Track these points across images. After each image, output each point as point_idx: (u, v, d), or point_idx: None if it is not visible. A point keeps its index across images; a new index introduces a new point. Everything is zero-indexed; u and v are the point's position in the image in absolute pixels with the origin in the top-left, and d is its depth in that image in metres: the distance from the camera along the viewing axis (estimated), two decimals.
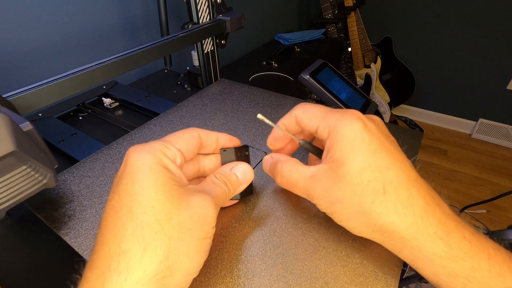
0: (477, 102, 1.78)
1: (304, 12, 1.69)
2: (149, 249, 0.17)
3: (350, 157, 0.20)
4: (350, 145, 0.21)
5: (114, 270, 0.16)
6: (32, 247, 0.32)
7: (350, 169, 0.20)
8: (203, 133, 0.24)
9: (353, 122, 0.21)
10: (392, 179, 0.20)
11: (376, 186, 0.20)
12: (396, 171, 0.20)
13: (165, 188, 0.19)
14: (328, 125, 0.22)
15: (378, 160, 0.20)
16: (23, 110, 0.30)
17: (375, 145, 0.20)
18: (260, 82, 0.95)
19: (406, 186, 0.20)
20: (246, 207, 0.29)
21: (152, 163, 0.19)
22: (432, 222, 0.19)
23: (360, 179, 0.20)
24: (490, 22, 1.55)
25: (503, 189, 1.49)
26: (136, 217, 0.17)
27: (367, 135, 0.21)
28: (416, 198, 0.19)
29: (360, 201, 0.20)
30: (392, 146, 0.21)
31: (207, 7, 0.52)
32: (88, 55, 0.70)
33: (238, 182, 0.25)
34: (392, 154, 0.21)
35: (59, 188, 0.32)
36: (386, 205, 0.19)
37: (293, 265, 0.23)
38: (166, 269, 0.17)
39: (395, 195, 0.19)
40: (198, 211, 0.19)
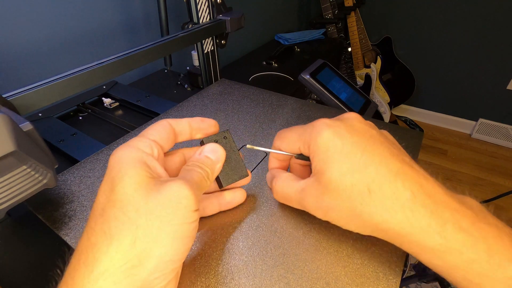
0: (477, 102, 1.78)
1: (304, 12, 1.69)
2: (115, 239, 0.17)
3: (328, 166, 0.21)
4: (325, 154, 0.21)
5: (83, 263, 0.17)
6: (32, 247, 0.32)
7: (331, 177, 0.21)
8: (173, 121, 0.24)
9: (322, 132, 0.22)
10: (373, 177, 0.20)
11: (360, 188, 0.20)
12: (375, 167, 0.20)
13: (134, 181, 0.19)
14: (306, 143, 0.24)
15: (354, 162, 0.20)
16: (23, 110, 0.30)
17: (348, 148, 0.21)
18: (260, 82, 0.95)
19: (389, 180, 0.19)
20: (246, 208, 0.29)
21: (126, 159, 0.20)
22: (424, 214, 0.18)
23: (343, 185, 0.20)
24: (490, 22, 1.55)
25: (503, 189, 1.50)
26: (105, 212, 0.18)
27: (338, 140, 0.21)
28: (402, 191, 0.19)
29: (350, 205, 0.20)
30: (369, 140, 0.21)
31: (207, 7, 0.52)
32: (88, 55, 0.70)
33: (211, 162, 0.24)
34: (368, 151, 0.21)
35: (59, 188, 0.32)
36: (374, 204, 0.19)
37: (294, 265, 0.23)
38: (134, 258, 0.17)
39: (380, 192, 0.19)
40: (169, 196, 0.18)
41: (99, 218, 0.18)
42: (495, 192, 1.44)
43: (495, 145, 1.80)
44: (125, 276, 0.17)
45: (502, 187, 1.51)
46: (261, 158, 0.35)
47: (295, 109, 0.45)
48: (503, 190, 0.85)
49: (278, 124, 0.42)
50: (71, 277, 0.17)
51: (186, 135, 0.25)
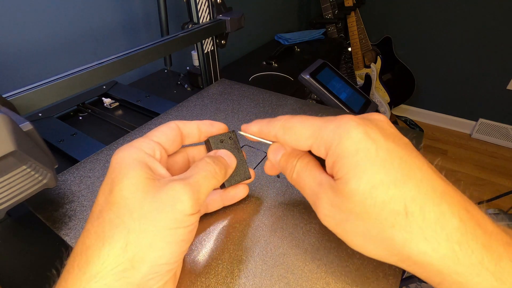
0: (477, 102, 1.78)
1: (304, 12, 1.69)
2: (107, 243, 0.17)
3: (356, 174, 0.17)
4: (353, 160, 0.17)
5: (77, 266, 0.17)
6: (32, 247, 0.32)
7: (358, 188, 0.17)
8: (181, 124, 0.24)
9: (351, 131, 0.18)
10: (414, 195, 0.16)
11: (394, 207, 0.16)
12: (416, 183, 0.16)
13: (132, 183, 0.18)
14: (324, 142, 0.19)
15: (391, 173, 0.16)
16: (23, 110, 0.30)
17: (383, 155, 0.17)
18: (260, 82, 0.95)
19: (433, 202, 0.16)
20: (246, 208, 0.29)
21: (127, 160, 0.20)
22: (475, 248, 0.15)
23: (372, 200, 0.16)
24: (490, 22, 1.55)
25: (503, 189, 1.50)
26: (101, 215, 0.18)
27: (372, 143, 0.17)
28: (449, 217, 0.15)
29: (377, 224, 0.17)
30: (405, 149, 0.18)
31: (207, 7, 0.52)
32: (88, 55, 0.70)
33: (226, 164, 0.24)
34: (407, 162, 0.17)
35: (59, 188, 0.32)
36: (410, 230, 0.16)
37: (294, 265, 0.23)
38: (126, 262, 0.17)
39: (421, 216, 0.16)
40: (164, 201, 0.18)
41: (95, 221, 0.18)
42: (495, 192, 1.44)
43: (495, 145, 1.80)
44: (117, 279, 0.17)
45: (502, 187, 1.51)
46: (261, 158, 0.35)
47: (295, 109, 0.45)
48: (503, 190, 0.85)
49: None
50: (65, 279, 0.17)
51: (194, 138, 0.25)
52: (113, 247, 0.17)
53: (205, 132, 0.25)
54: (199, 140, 0.26)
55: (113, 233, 0.17)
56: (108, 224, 0.18)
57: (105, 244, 0.17)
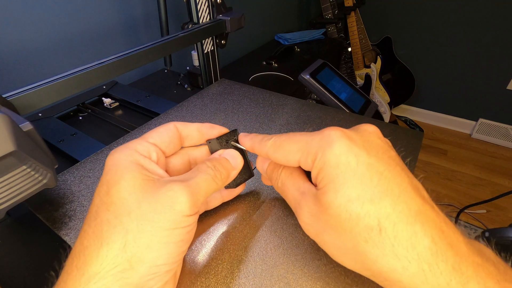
0: (477, 102, 1.78)
1: (304, 12, 1.69)
2: (105, 244, 0.17)
3: (334, 186, 0.17)
4: (333, 172, 0.17)
5: (75, 266, 0.17)
6: (32, 247, 0.32)
7: (334, 201, 0.17)
8: (180, 125, 0.24)
9: (334, 142, 0.18)
10: (389, 213, 0.16)
11: (369, 222, 0.16)
12: (393, 200, 0.16)
13: (129, 184, 0.18)
14: (310, 155, 0.19)
15: (368, 189, 0.17)
16: (23, 110, 0.30)
17: (363, 169, 0.17)
18: (260, 82, 0.95)
19: (407, 221, 0.16)
20: (246, 207, 0.29)
21: (123, 161, 0.19)
22: (444, 269, 0.15)
23: (347, 214, 0.17)
24: (490, 22, 1.55)
25: (503, 189, 1.50)
26: (99, 216, 0.18)
27: (353, 157, 0.17)
28: (421, 237, 0.15)
29: (351, 238, 0.17)
30: (388, 164, 0.18)
31: (207, 7, 0.52)
32: (88, 55, 0.70)
33: (230, 166, 0.24)
34: (387, 178, 0.17)
35: (59, 188, 0.32)
36: (383, 246, 0.16)
37: (294, 265, 0.23)
38: (124, 262, 0.17)
39: (393, 234, 0.16)
40: (162, 201, 0.18)
41: (92, 221, 0.18)
42: (495, 192, 1.44)
43: (495, 145, 1.80)
44: (116, 280, 0.17)
45: (502, 187, 1.51)
46: None
47: (295, 109, 0.45)
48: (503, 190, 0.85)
49: (278, 124, 0.42)
50: (63, 280, 0.17)
51: (193, 140, 0.25)
52: (111, 247, 0.17)
53: (205, 135, 0.25)
54: (199, 142, 0.25)
55: (111, 233, 0.17)
56: (106, 224, 0.18)
57: (103, 245, 0.17)
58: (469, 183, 1.55)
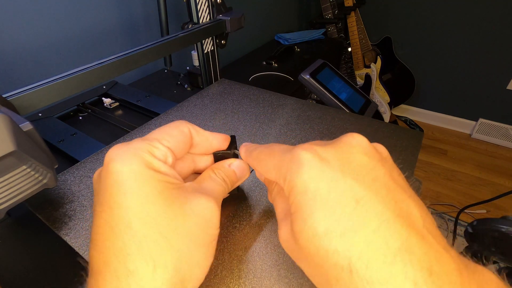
0: (477, 102, 1.78)
1: (304, 12, 1.69)
2: (159, 267, 0.16)
3: (302, 216, 0.15)
4: (301, 199, 0.15)
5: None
6: (32, 247, 0.32)
7: (302, 231, 0.15)
8: (194, 130, 0.22)
9: (303, 166, 0.15)
10: (361, 251, 0.13)
11: (338, 261, 0.13)
12: (368, 235, 0.13)
13: (162, 196, 0.17)
14: (281, 176, 0.17)
15: (339, 221, 0.14)
16: (23, 110, 0.30)
17: (335, 196, 0.14)
18: (260, 82, 0.95)
19: (384, 260, 0.13)
20: (246, 207, 0.29)
21: (141, 169, 0.17)
22: None
23: (315, 248, 0.14)
24: (490, 22, 1.55)
25: (503, 189, 1.50)
26: (137, 233, 0.16)
27: (324, 182, 0.15)
28: (400, 282, 0.12)
29: (323, 273, 0.14)
30: (368, 189, 0.15)
31: (207, 7, 0.52)
32: (88, 55, 0.70)
33: (236, 178, 0.24)
34: (365, 206, 0.14)
35: (59, 188, 0.32)
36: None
37: (294, 265, 0.23)
38: (178, 283, 0.16)
39: (366, 277, 0.13)
40: (203, 215, 0.18)
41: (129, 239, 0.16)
42: (495, 192, 1.44)
43: (495, 145, 1.80)
44: None
45: (502, 187, 1.51)
46: None
47: (295, 109, 0.45)
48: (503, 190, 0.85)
49: (278, 124, 0.42)
50: None
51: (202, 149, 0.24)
52: (166, 270, 0.16)
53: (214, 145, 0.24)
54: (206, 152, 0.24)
55: (162, 255, 0.16)
56: (152, 244, 0.16)
57: (156, 268, 0.15)
58: (469, 183, 1.55)
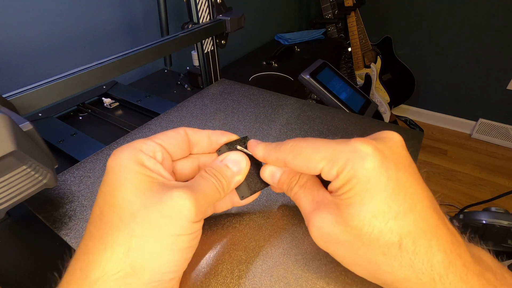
0: (477, 102, 1.78)
1: (304, 12, 1.69)
2: (109, 247, 0.17)
3: (362, 200, 0.17)
4: (362, 186, 0.17)
5: (79, 269, 0.17)
6: (32, 247, 0.32)
7: (359, 214, 0.17)
8: (191, 131, 0.23)
9: (367, 159, 0.18)
10: (410, 230, 0.17)
11: (390, 238, 0.17)
12: (415, 217, 0.17)
13: (135, 186, 0.18)
14: (337, 165, 0.18)
15: (394, 206, 0.17)
16: (23, 110, 0.30)
17: (392, 186, 0.17)
18: (260, 82, 0.95)
19: (426, 237, 0.17)
20: (247, 208, 0.29)
21: (127, 161, 0.19)
22: (452, 280, 0.16)
23: (370, 228, 0.17)
24: (490, 22, 1.55)
25: (503, 189, 1.49)
26: (104, 217, 0.18)
27: (384, 173, 0.17)
28: (436, 251, 0.17)
29: (368, 251, 0.17)
30: (413, 179, 0.18)
31: (207, 7, 0.52)
32: (88, 55, 0.70)
33: (231, 173, 0.22)
34: (412, 195, 0.17)
35: (59, 188, 0.32)
36: (400, 260, 0.17)
37: (294, 265, 0.23)
38: (127, 267, 0.16)
39: (412, 249, 0.17)
40: (169, 205, 0.17)
41: (98, 223, 0.18)
42: (495, 192, 1.44)
43: (495, 145, 1.80)
44: (118, 285, 0.16)
45: (502, 187, 1.51)
46: None
47: (295, 109, 0.45)
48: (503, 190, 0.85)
49: (278, 124, 0.42)
50: (66, 281, 0.17)
51: (203, 148, 0.24)
52: (115, 251, 0.16)
53: (215, 143, 0.24)
54: (208, 150, 0.24)
55: (115, 237, 0.17)
56: (110, 226, 0.17)
57: (107, 248, 0.17)
58: (469, 183, 1.55)
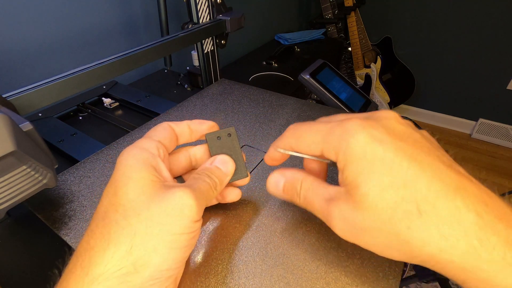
0: (477, 102, 1.78)
1: (304, 12, 1.69)
2: (112, 245, 0.17)
3: (365, 178, 0.17)
4: (361, 164, 0.17)
5: (80, 266, 0.17)
6: (32, 247, 0.32)
7: (368, 192, 0.17)
8: (173, 123, 0.25)
9: (356, 134, 0.18)
10: (425, 194, 0.16)
11: (407, 207, 0.16)
12: (427, 181, 0.16)
13: (137, 185, 0.19)
14: (333, 147, 0.19)
15: (399, 174, 0.16)
16: (23, 110, 0.30)
17: (390, 156, 0.17)
18: (260, 82, 0.95)
19: (446, 198, 0.15)
20: (247, 208, 0.29)
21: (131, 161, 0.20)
22: (496, 243, 0.14)
23: (384, 203, 0.16)
24: (490, 22, 1.55)
25: (503, 189, 1.49)
26: (107, 216, 0.18)
27: (378, 145, 0.17)
28: (465, 212, 0.15)
29: (392, 228, 0.16)
30: (415, 146, 0.17)
31: (207, 7, 0.52)
32: (88, 55, 0.70)
33: (222, 173, 0.24)
34: (417, 160, 0.16)
35: (59, 188, 0.32)
36: (426, 229, 0.15)
37: (293, 265, 0.23)
38: (129, 265, 0.17)
39: (435, 213, 0.15)
40: (172, 204, 0.18)
41: (100, 221, 0.18)
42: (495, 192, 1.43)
43: (495, 145, 1.80)
44: (120, 282, 0.16)
45: (502, 187, 1.51)
46: (260, 158, 0.35)
47: (295, 109, 0.45)
48: (503, 190, 0.86)
49: (278, 124, 0.42)
50: (67, 279, 0.17)
51: (186, 137, 0.25)
52: (118, 249, 0.17)
53: (195, 131, 0.25)
54: (191, 139, 0.26)
55: (119, 235, 0.17)
56: (114, 225, 0.17)
57: (110, 245, 0.17)
58: None
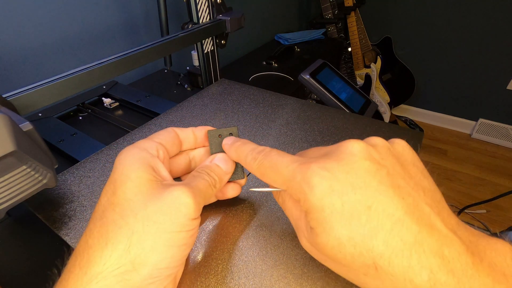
0: (477, 102, 1.78)
1: (304, 12, 1.69)
2: (110, 244, 0.17)
3: (324, 230, 0.17)
4: (320, 216, 0.17)
5: (78, 265, 0.17)
6: (32, 247, 0.32)
7: (327, 243, 0.17)
8: (178, 129, 0.25)
9: (315, 188, 0.17)
10: (382, 251, 0.15)
11: (364, 261, 0.16)
12: (385, 237, 0.16)
13: (135, 185, 0.19)
14: (294, 194, 0.19)
15: (357, 229, 0.16)
16: (23, 110, 0.30)
17: (349, 209, 0.16)
18: (260, 82, 0.95)
19: (402, 255, 0.15)
20: (247, 208, 0.29)
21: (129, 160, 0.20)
22: None
23: (342, 254, 0.16)
24: (490, 22, 1.55)
25: (503, 189, 1.50)
26: (105, 215, 0.18)
27: (337, 198, 0.17)
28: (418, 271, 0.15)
29: (350, 270, 0.18)
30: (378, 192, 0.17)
31: (207, 7, 0.52)
32: (88, 55, 0.70)
33: (221, 171, 0.24)
34: (377, 211, 0.16)
35: (59, 188, 0.32)
36: (381, 280, 0.16)
37: (294, 265, 0.23)
38: (127, 263, 0.17)
39: (390, 270, 0.16)
40: (169, 202, 0.18)
41: (98, 220, 0.18)
42: (495, 192, 1.44)
43: (495, 145, 1.80)
44: (118, 281, 0.16)
45: (502, 187, 1.51)
46: None
47: (295, 109, 0.45)
48: (503, 190, 0.85)
49: (278, 124, 0.42)
50: (65, 278, 0.17)
51: (190, 143, 0.26)
52: (116, 247, 0.17)
53: (199, 138, 0.26)
54: (196, 145, 0.27)
55: (117, 234, 0.17)
56: (112, 224, 0.18)
57: (108, 244, 0.17)
58: (469, 183, 1.55)
